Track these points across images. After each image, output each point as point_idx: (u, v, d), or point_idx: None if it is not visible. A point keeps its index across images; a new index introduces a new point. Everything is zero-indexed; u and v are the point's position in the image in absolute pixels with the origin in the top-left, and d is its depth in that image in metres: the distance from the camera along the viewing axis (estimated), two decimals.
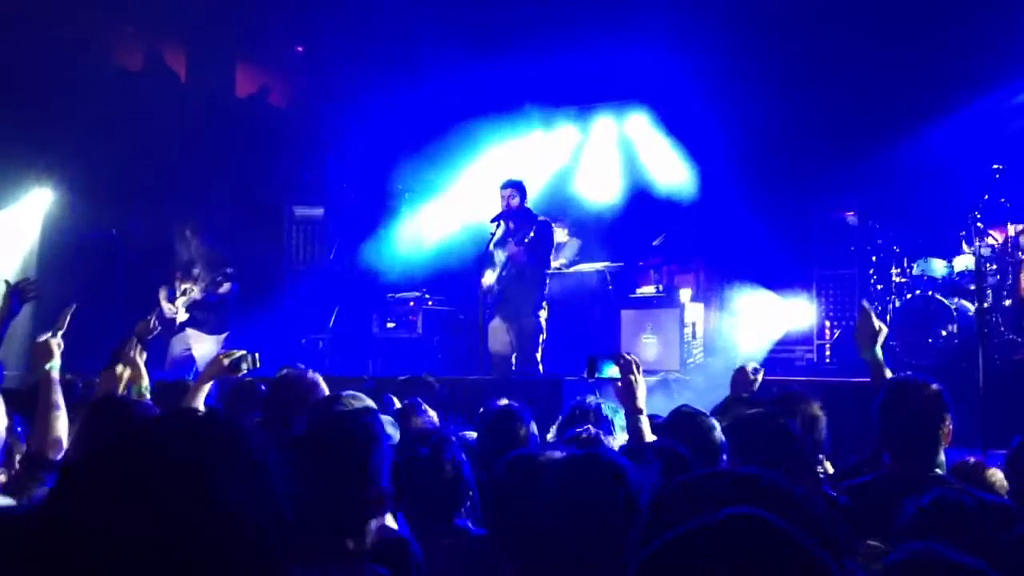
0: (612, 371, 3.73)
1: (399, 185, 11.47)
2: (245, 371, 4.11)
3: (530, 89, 11.10)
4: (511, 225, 8.27)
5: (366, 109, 11.13)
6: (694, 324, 10.60)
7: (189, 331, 8.90)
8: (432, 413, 4.28)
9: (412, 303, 10.44)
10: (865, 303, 4.24)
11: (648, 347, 9.95)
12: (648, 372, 9.59)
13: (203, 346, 8.76)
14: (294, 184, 11.57)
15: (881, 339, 4.17)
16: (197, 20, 10.66)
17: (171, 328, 8.75)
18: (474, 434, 4.12)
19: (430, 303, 10.54)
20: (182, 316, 8.84)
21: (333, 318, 10.55)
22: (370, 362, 10.20)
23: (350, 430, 2.46)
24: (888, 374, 3.93)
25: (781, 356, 10.41)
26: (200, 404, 3.96)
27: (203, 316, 8.89)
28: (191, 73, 11.53)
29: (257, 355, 4.09)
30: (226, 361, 4.05)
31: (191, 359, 8.69)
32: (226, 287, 8.92)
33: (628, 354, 3.81)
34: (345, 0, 10.78)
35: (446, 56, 10.49)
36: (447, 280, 10.61)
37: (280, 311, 10.35)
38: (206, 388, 4.05)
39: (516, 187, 8.38)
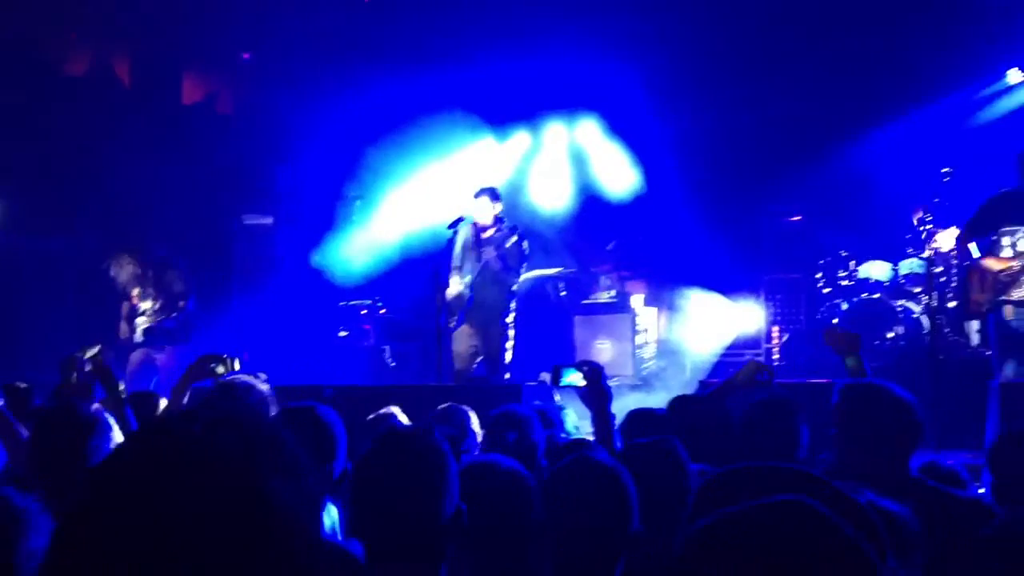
0: (575, 378, 3.85)
1: (350, 192, 11.40)
2: (223, 374, 4.08)
3: (481, 97, 11.11)
4: (484, 232, 8.29)
5: (315, 116, 11.04)
6: (646, 329, 10.70)
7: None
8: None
9: (364, 311, 10.39)
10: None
11: (601, 353, 10.01)
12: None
13: (162, 356, 8.64)
14: (242, 192, 11.44)
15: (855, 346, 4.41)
16: (143, 27, 10.52)
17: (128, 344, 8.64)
18: None
19: (383, 310, 10.49)
20: (139, 337, 8.71)
21: (283, 327, 10.45)
22: (322, 371, 10.12)
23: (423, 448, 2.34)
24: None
25: (731, 360, 10.53)
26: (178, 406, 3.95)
27: (161, 335, 8.77)
28: (136, 80, 11.35)
29: (237, 360, 4.07)
30: (211, 365, 4.01)
31: (152, 368, 8.55)
32: (181, 305, 8.83)
33: (593, 363, 3.93)
34: (293, 7, 10.70)
35: (396, 64, 10.46)
36: (400, 287, 10.57)
37: (229, 321, 10.23)
38: (186, 392, 4.03)
39: (490, 193, 8.40)
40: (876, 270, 9.52)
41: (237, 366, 4.08)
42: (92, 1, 10.24)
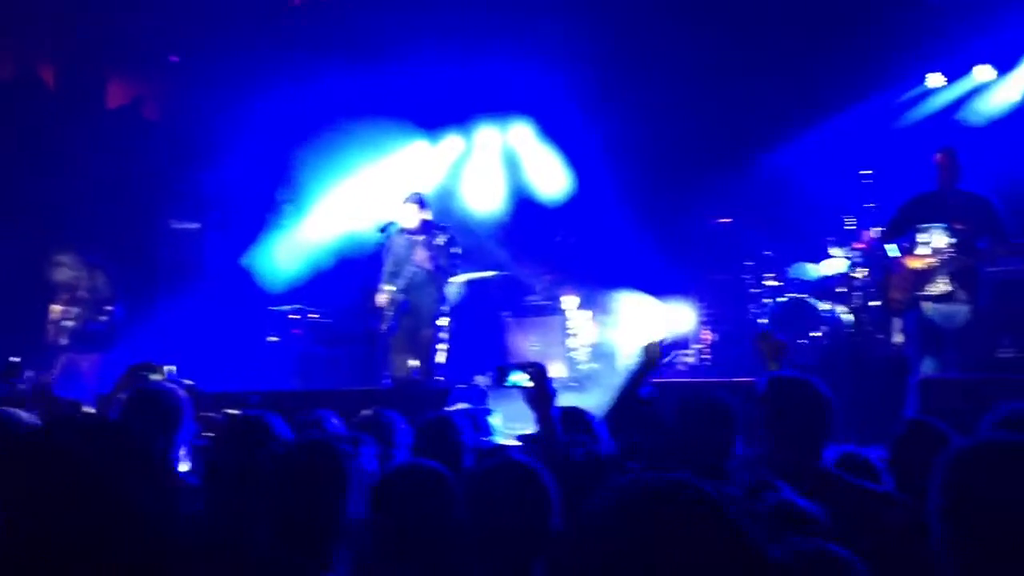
0: (521, 379, 3.88)
1: (280, 196, 11.29)
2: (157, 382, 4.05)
3: (413, 100, 11.09)
4: (415, 237, 8.29)
5: (244, 120, 10.91)
6: (579, 331, 10.76)
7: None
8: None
9: (294, 316, 10.30)
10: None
11: (534, 355, 10.05)
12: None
13: (87, 362, 8.51)
14: (169, 197, 11.27)
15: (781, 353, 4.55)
16: (67, 30, 10.32)
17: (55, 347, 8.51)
18: None
19: (313, 315, 10.41)
20: (64, 340, 8.57)
21: (211, 333, 10.30)
22: (251, 376, 9.99)
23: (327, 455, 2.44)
24: None
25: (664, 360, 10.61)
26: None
27: (88, 340, 8.64)
28: (61, 84, 11.13)
29: (167, 368, 4.04)
30: (144, 374, 3.97)
31: (77, 374, 8.41)
32: (109, 310, 8.72)
33: (538, 365, 3.95)
34: (223, 9, 10.57)
35: (327, 67, 10.39)
36: (330, 291, 10.50)
37: (155, 327, 10.06)
38: (117, 399, 3.99)
39: (418, 200, 8.43)
40: (801, 270, 9.71)
41: (167, 373, 4.05)
42: (16, 4, 10.02)
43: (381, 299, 8.23)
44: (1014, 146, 9.25)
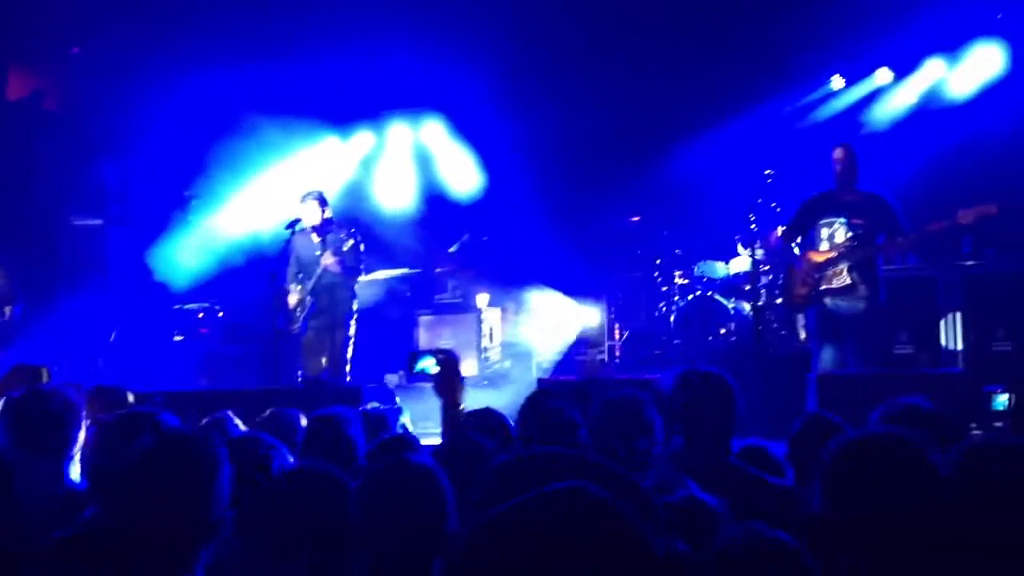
0: (428, 364, 3.83)
1: (186, 192, 11.04)
2: (41, 383, 3.92)
3: (324, 95, 10.95)
4: (319, 236, 8.20)
5: (149, 114, 10.65)
6: (491, 329, 10.76)
7: None
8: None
9: (201, 314, 10.09)
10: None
11: None
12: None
13: None
14: (71, 192, 10.94)
15: None
16: None
17: None
18: None
19: (220, 313, 10.21)
20: None
21: (114, 333, 10.04)
22: (156, 376, 9.77)
23: (193, 452, 2.37)
24: None
25: (575, 358, 10.71)
26: None
27: None
28: None
29: (47, 369, 3.92)
30: (27, 375, 3.85)
31: None
32: (8, 311, 8.45)
33: (448, 352, 3.90)
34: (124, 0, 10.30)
35: (236, 60, 10.19)
36: (238, 289, 10.30)
37: (54, 326, 9.76)
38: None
39: (318, 198, 8.31)
40: (709, 268, 9.87)
41: (47, 376, 3.92)
42: None
43: (291, 300, 8.14)
44: (910, 148, 9.53)
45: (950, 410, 4.08)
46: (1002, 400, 3.41)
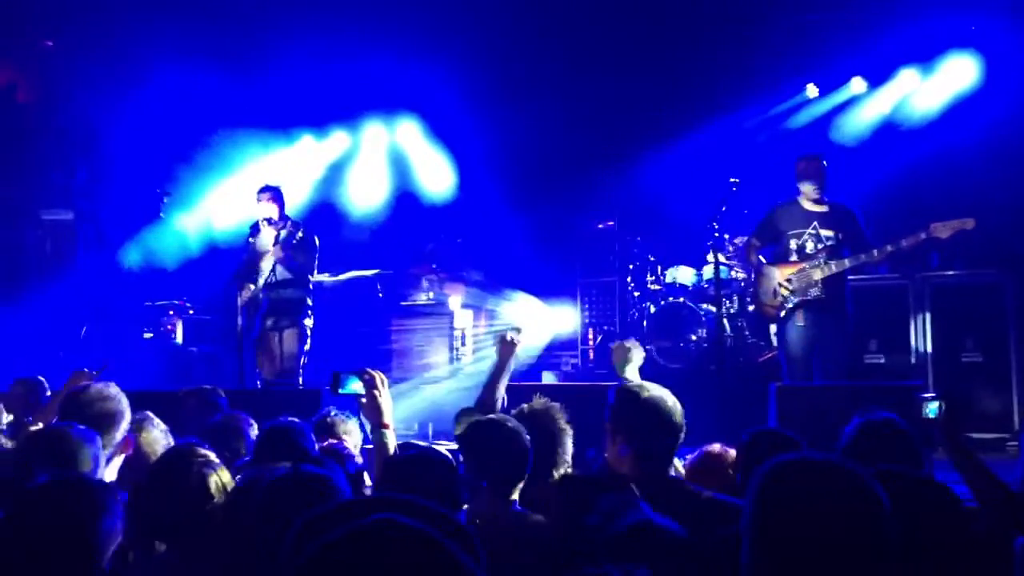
0: (356, 386, 3.66)
1: (158, 188, 10.97)
2: None
3: (299, 94, 10.90)
4: (273, 232, 8.07)
5: (123, 108, 10.58)
6: (464, 331, 10.73)
7: None
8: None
9: (171, 311, 10.03)
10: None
11: (418, 354, 9.99)
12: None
13: None
14: (42, 186, 10.85)
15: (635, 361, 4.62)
16: None
17: None
18: None
19: (190, 311, 10.15)
20: None
21: (84, 328, 9.96)
22: (126, 373, 9.68)
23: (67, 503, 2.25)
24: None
25: (549, 361, 10.71)
26: None
27: None
28: None
29: None
30: None
31: None
32: None
33: (371, 369, 3.74)
34: None
35: (211, 58, 10.13)
36: (207, 288, 10.24)
37: (26, 322, 9.68)
38: None
39: (273, 193, 8.17)
40: (681, 274, 9.87)
41: None
42: None
43: (243, 296, 7.96)
44: (882, 158, 9.55)
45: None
46: (933, 407, 3.38)
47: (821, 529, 1.82)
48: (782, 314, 7.18)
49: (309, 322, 8.19)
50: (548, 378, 10.05)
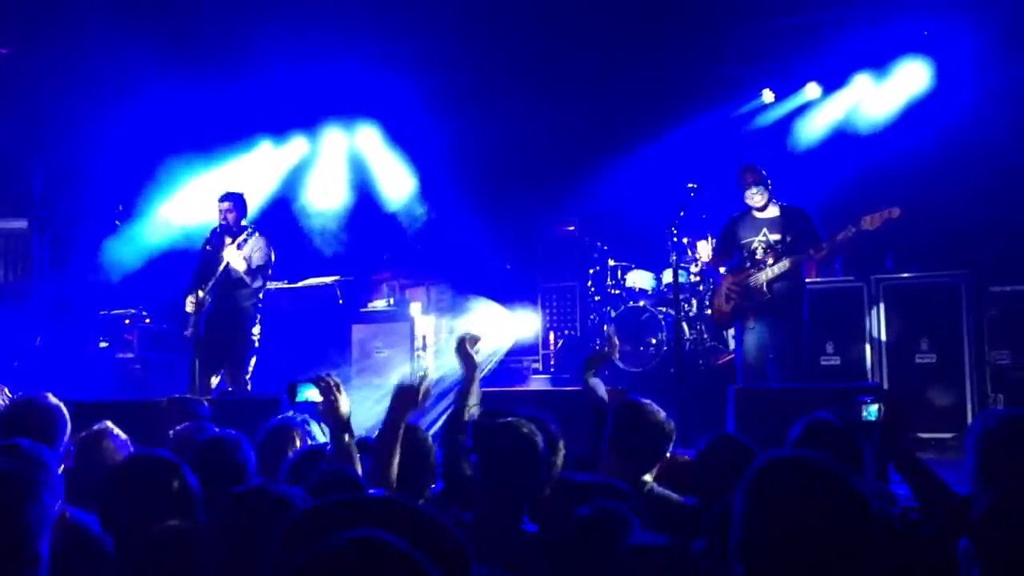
0: (311, 393, 3.65)
1: (117, 201, 10.84)
2: None
3: (257, 102, 10.83)
4: (227, 239, 8.01)
5: (79, 116, 10.46)
6: (424, 337, 10.71)
7: None
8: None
9: (127, 320, 9.91)
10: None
11: (379, 361, 9.96)
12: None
13: None
14: None
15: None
16: None
17: None
18: None
19: (147, 320, 10.04)
20: None
21: (39, 337, 9.82)
22: (80, 384, 9.56)
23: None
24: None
25: (511, 366, 10.70)
26: None
27: None
28: None
29: None
30: None
31: None
32: None
33: (328, 375, 3.72)
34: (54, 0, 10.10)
35: (170, 66, 10.04)
36: (165, 297, 10.14)
37: None
38: None
39: (234, 200, 8.13)
40: (641, 279, 9.92)
41: None
42: None
43: (191, 302, 7.88)
44: (836, 162, 9.66)
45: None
46: (872, 410, 3.40)
47: (809, 525, 1.84)
48: (735, 319, 7.31)
49: (256, 330, 8.11)
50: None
